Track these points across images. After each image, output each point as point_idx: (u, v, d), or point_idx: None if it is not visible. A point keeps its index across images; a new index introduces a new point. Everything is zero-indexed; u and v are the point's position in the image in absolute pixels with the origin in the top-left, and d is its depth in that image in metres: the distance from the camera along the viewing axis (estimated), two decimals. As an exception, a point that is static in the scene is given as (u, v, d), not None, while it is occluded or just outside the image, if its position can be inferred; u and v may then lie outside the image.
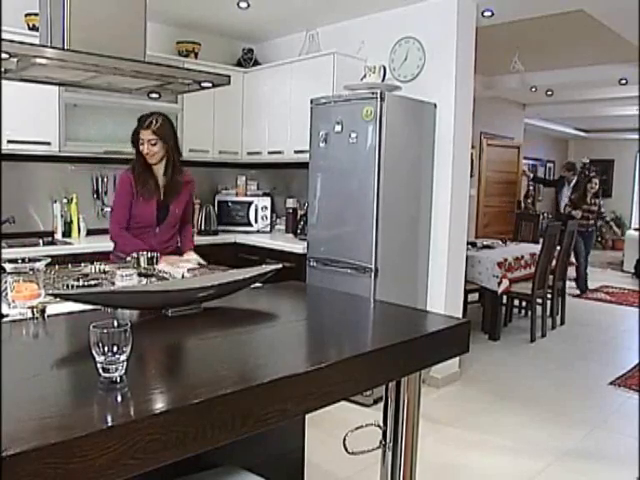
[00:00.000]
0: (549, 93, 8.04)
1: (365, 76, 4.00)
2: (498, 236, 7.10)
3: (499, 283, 5.04)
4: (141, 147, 3.07)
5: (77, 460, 0.89)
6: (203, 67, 4.03)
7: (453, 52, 3.86)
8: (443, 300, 3.97)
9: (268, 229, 5.01)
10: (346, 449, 1.65)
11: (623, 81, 6.90)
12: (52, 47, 2.37)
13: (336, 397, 1.32)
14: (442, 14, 3.91)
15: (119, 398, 1.08)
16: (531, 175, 9.77)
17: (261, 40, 5.25)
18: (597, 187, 7.62)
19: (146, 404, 1.04)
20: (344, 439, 1.65)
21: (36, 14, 2.81)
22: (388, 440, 1.72)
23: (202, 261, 3.12)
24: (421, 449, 1.78)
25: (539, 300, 5.45)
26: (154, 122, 3.05)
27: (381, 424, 1.74)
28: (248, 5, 4.29)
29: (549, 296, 5.68)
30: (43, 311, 1.71)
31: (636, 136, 11.83)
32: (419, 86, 4.03)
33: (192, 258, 3.14)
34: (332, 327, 1.77)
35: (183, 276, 2.47)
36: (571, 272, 6.54)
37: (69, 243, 3.96)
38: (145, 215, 3.13)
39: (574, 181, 8.01)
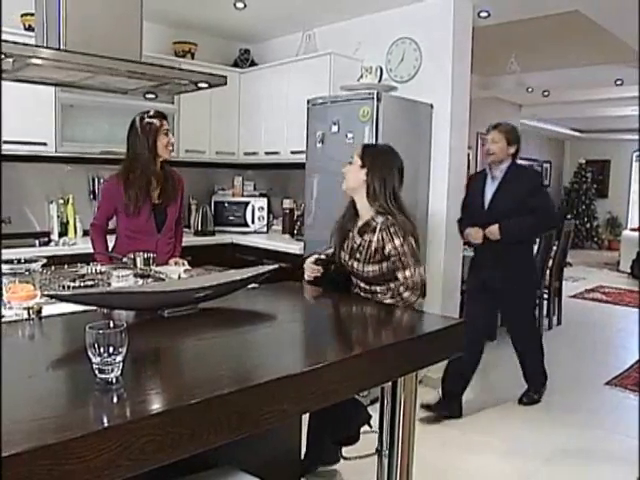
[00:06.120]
0: (545, 94, 8.05)
1: (362, 76, 4.01)
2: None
3: (496, 283, 5.03)
4: (163, 140, 2.95)
5: (73, 461, 0.89)
6: (199, 67, 4.02)
7: (449, 53, 3.86)
8: (440, 300, 3.97)
9: (265, 230, 5.01)
10: (342, 455, 1.65)
11: (619, 82, 6.92)
12: (48, 47, 2.36)
13: (334, 398, 1.32)
14: (439, 15, 3.91)
15: (115, 399, 1.08)
16: None
17: (258, 40, 5.25)
18: None
19: (142, 405, 1.04)
20: (341, 440, 1.66)
21: (32, 14, 2.80)
22: (384, 444, 1.71)
23: (185, 269, 2.82)
24: (417, 450, 1.78)
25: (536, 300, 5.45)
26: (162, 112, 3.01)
27: (376, 429, 1.73)
28: (245, 5, 4.29)
29: (546, 296, 5.68)
30: (39, 312, 1.70)
31: (632, 136, 11.87)
32: (415, 87, 4.02)
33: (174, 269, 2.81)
34: (329, 328, 1.77)
35: (180, 277, 2.46)
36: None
37: (65, 244, 3.94)
38: (140, 222, 2.97)
39: None
